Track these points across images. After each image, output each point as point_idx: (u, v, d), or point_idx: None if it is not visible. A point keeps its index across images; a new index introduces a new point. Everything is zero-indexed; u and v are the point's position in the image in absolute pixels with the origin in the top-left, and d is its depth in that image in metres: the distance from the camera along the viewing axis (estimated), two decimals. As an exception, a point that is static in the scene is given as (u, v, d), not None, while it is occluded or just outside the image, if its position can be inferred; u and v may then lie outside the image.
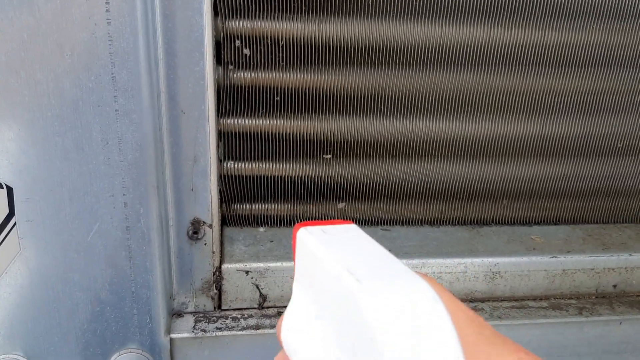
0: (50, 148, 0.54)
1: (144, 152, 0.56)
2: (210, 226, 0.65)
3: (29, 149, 0.54)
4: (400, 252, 0.71)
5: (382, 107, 0.70)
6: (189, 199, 0.63)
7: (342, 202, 0.74)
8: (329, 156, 0.71)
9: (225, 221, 0.74)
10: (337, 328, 0.24)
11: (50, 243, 0.58)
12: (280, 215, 0.75)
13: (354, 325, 0.22)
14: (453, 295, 0.28)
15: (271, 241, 0.72)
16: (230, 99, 0.67)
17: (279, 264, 0.68)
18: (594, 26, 0.69)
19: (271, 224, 0.75)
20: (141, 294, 0.61)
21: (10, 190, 0.55)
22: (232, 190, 0.71)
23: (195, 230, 0.64)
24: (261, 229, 0.74)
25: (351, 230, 0.30)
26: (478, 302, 0.73)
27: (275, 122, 0.68)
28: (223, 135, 0.68)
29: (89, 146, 0.55)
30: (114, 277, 0.60)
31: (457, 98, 0.70)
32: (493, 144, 0.74)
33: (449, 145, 0.73)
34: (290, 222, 0.75)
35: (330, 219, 0.74)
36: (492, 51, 0.68)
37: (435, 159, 0.74)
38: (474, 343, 0.24)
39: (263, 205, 0.74)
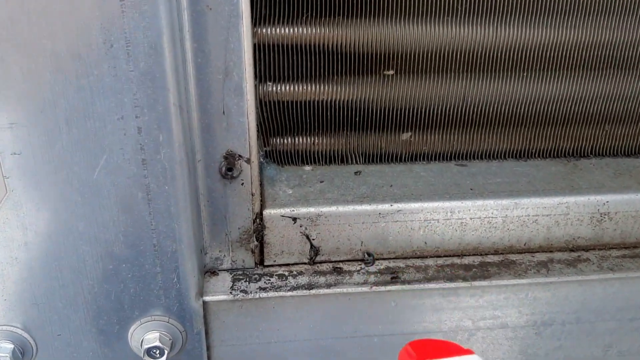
0: (37, 54, 0.43)
1: (160, 58, 0.45)
2: (248, 161, 0.54)
3: (8, 55, 0.43)
4: (485, 191, 0.60)
5: (459, 8, 0.58)
6: (221, 124, 0.52)
7: (407, 131, 0.65)
8: (391, 72, 0.61)
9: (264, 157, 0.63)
10: None
11: (45, 182, 0.48)
12: (329, 151, 0.65)
13: None
14: None
15: (321, 181, 0.62)
16: (265, 1, 0.55)
17: (333, 208, 0.59)
18: None
19: (319, 162, 0.65)
20: (165, 247, 0.52)
21: (-13, 113, 0.43)
22: (271, 119, 0.61)
23: (230, 166, 0.54)
24: (307, 167, 0.65)
25: None
26: (582, 251, 0.63)
27: (322, 30, 0.58)
28: (259, 49, 0.56)
29: (88, 51, 0.44)
30: (129, 225, 0.51)
31: None
32: (591, 52, 0.61)
33: (535, 55, 0.61)
34: (342, 158, 0.66)
35: (391, 152, 0.62)
36: None
37: (521, 74, 0.62)
38: None
39: (309, 139, 0.64)
